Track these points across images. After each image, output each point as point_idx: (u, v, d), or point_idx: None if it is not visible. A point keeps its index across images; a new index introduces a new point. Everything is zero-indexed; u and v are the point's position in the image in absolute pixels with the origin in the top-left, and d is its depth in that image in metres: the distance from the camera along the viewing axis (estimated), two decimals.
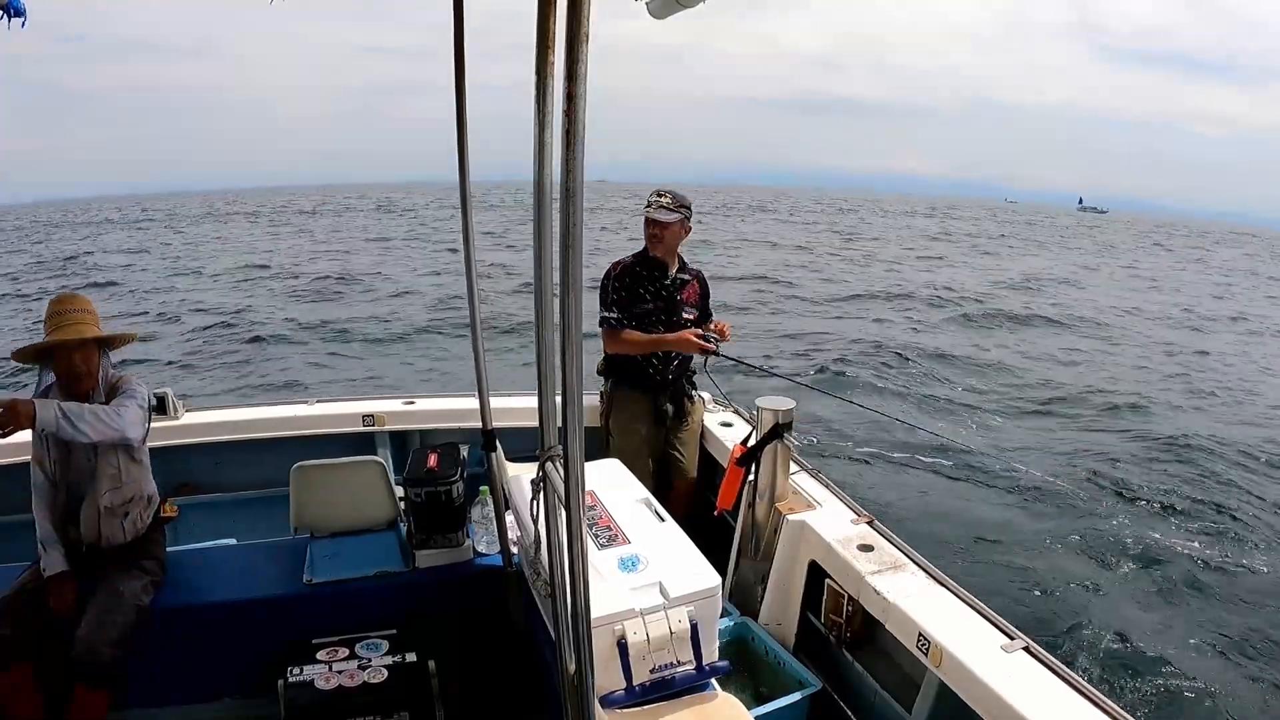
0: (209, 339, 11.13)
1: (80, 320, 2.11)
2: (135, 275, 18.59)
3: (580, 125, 0.88)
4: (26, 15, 1.50)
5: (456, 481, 2.37)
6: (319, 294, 15.10)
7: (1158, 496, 5.68)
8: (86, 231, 36.29)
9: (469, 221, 1.95)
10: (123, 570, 2.18)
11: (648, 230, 2.91)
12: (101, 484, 2.17)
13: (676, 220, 2.86)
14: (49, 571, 2.10)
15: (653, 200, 2.88)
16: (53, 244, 28.82)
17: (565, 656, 1.30)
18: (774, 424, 2.43)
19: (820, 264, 21.46)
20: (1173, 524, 5.28)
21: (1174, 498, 5.66)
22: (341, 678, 2.16)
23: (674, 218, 2.85)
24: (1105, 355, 10.99)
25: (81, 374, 2.12)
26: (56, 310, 2.11)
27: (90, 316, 2.14)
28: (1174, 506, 5.53)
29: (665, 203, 2.86)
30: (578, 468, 1.03)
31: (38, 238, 32.75)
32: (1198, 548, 4.92)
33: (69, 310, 2.11)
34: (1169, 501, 5.61)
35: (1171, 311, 15.81)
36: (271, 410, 3.26)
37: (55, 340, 2.07)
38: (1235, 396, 8.95)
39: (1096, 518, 5.30)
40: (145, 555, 2.26)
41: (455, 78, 1.76)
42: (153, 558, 2.28)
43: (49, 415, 1.95)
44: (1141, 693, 3.56)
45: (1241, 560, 4.79)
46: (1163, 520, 5.35)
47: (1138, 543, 4.92)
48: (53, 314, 2.11)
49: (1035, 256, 28.21)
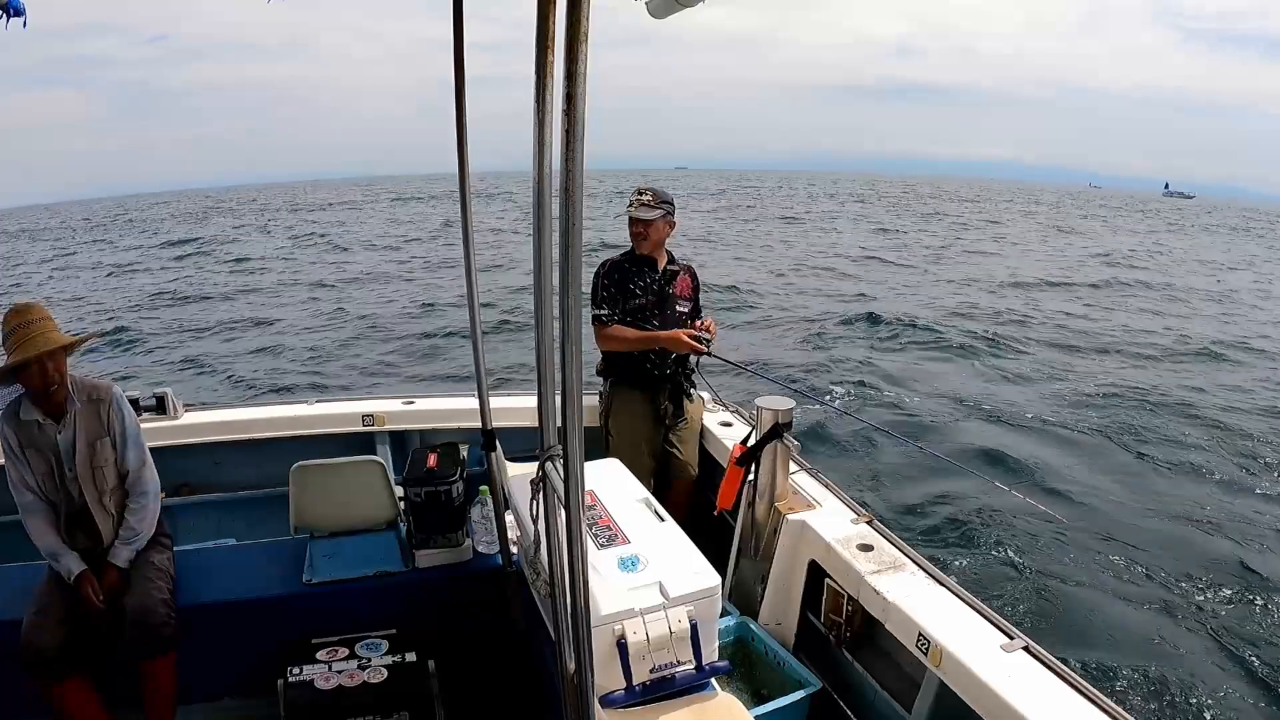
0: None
1: (45, 330, 2.06)
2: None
3: (580, 125, 0.88)
4: (26, 15, 1.50)
5: (456, 481, 2.37)
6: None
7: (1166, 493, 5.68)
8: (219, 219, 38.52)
9: (469, 220, 1.96)
10: (142, 549, 2.23)
11: (632, 229, 2.94)
12: (107, 493, 2.20)
13: (659, 216, 2.90)
14: (72, 575, 2.09)
15: (634, 199, 2.93)
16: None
17: (565, 656, 1.30)
18: (774, 423, 2.43)
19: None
20: (1175, 523, 5.28)
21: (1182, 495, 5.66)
22: (341, 677, 2.17)
23: (656, 214, 2.90)
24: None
25: (55, 382, 2.09)
26: (17, 324, 2.05)
27: (52, 324, 2.09)
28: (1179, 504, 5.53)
29: (647, 200, 2.91)
30: (578, 467, 1.03)
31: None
32: (1200, 546, 4.92)
33: (30, 322, 2.05)
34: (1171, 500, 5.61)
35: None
36: (271, 410, 3.26)
37: (30, 356, 2.02)
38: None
39: (1097, 518, 5.30)
40: (157, 531, 2.31)
41: (455, 77, 1.76)
42: (163, 534, 2.34)
43: (125, 558, 2.18)
44: (1142, 692, 3.56)
45: (1244, 560, 4.79)
46: (1164, 519, 5.34)
47: (1139, 542, 4.92)
48: (14, 329, 2.05)
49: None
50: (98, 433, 2.18)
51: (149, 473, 2.28)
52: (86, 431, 2.16)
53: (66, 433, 2.14)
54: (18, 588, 2.16)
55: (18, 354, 2.02)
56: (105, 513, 2.19)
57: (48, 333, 2.06)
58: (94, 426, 2.17)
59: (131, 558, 2.18)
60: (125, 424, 2.23)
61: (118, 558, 2.16)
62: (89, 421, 2.17)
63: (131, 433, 2.24)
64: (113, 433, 2.20)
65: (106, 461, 2.19)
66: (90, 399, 2.18)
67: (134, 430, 2.26)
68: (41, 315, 2.08)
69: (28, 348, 2.02)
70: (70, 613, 2.06)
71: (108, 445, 2.19)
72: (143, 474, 2.26)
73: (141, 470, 2.26)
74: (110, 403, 2.20)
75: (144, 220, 41.31)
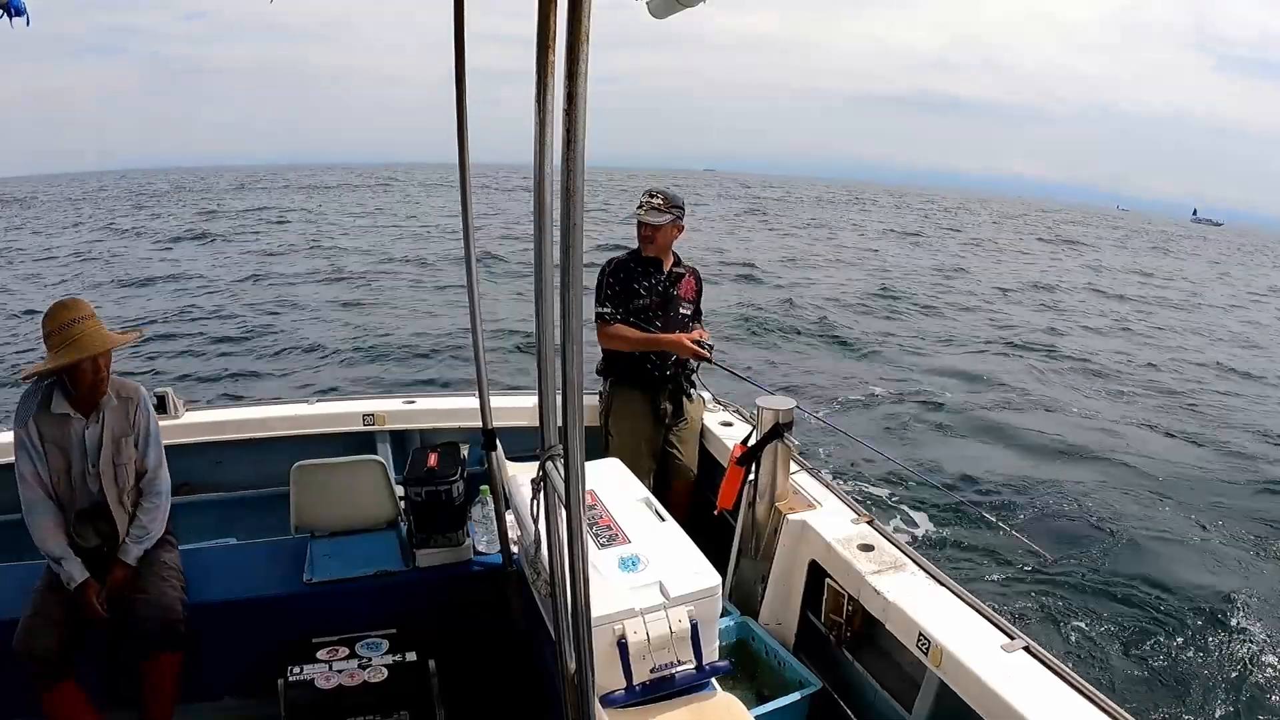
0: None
1: (95, 329, 2.08)
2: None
3: (580, 125, 0.88)
4: (28, 14, 1.50)
5: (456, 481, 2.37)
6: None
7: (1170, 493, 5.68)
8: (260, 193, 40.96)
9: (469, 219, 1.96)
10: (152, 549, 2.24)
11: (640, 232, 2.93)
12: (127, 491, 2.22)
13: (668, 221, 2.89)
14: (75, 582, 2.07)
15: (644, 202, 2.90)
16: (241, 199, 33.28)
17: (565, 656, 1.30)
18: (774, 423, 2.43)
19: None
20: (1176, 523, 5.28)
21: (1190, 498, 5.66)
22: (341, 677, 2.17)
23: (666, 219, 2.88)
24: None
25: (103, 380, 2.13)
26: (66, 321, 2.05)
27: (98, 321, 2.11)
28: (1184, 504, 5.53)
29: (657, 204, 2.88)
30: (578, 467, 1.03)
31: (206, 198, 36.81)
32: (1203, 547, 4.92)
33: (79, 319, 2.06)
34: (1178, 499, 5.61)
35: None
36: (271, 410, 3.26)
37: (84, 356, 2.04)
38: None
39: (1101, 515, 5.30)
40: (165, 530, 2.31)
41: (455, 77, 1.76)
42: (170, 533, 2.35)
43: (135, 556, 2.18)
44: (1142, 692, 3.56)
45: (1247, 558, 4.79)
46: (1166, 520, 5.34)
47: (1140, 543, 4.92)
48: (61, 325, 2.05)
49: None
50: (124, 430, 2.21)
51: (164, 473, 2.31)
52: (114, 429, 2.19)
53: (94, 428, 2.16)
54: (17, 587, 2.16)
55: (72, 351, 2.04)
56: (123, 510, 2.21)
57: (99, 331, 2.09)
58: (122, 424, 2.20)
59: (140, 556, 2.19)
60: (150, 424, 2.27)
61: (128, 555, 2.17)
62: (117, 419, 2.20)
63: (154, 433, 2.28)
64: (138, 431, 2.24)
65: (129, 460, 2.22)
66: (120, 397, 2.21)
67: (156, 431, 2.29)
68: (88, 313, 2.11)
69: (83, 345, 2.04)
70: (67, 616, 2.06)
71: (131, 444, 2.22)
72: (159, 474, 2.29)
73: (159, 470, 2.29)
74: (139, 402, 2.25)
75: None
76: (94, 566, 2.12)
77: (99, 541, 2.19)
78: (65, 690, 2.04)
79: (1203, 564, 4.73)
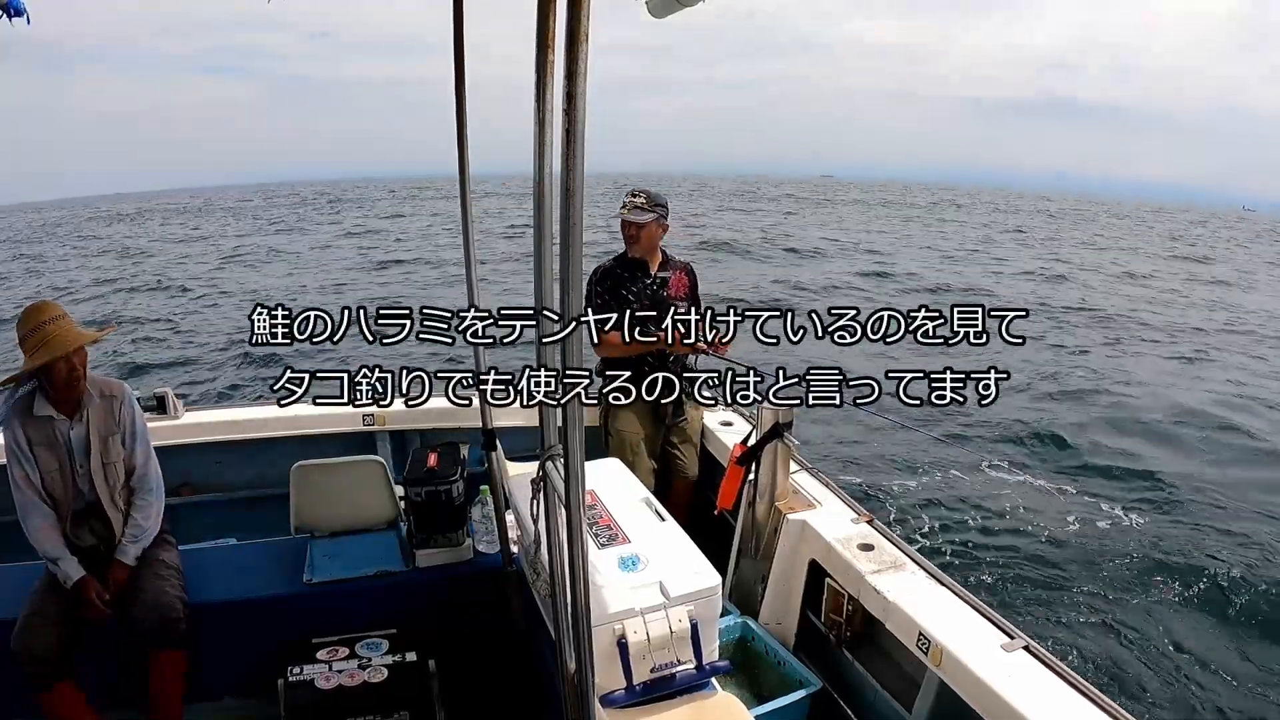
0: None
1: (66, 328, 2.08)
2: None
3: (580, 124, 0.88)
4: (28, 14, 1.50)
5: (456, 481, 2.37)
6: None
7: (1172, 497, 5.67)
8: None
9: (468, 219, 1.96)
10: (150, 548, 2.25)
11: (624, 232, 2.91)
12: (118, 489, 2.21)
13: (651, 219, 2.86)
14: (71, 580, 2.07)
15: (627, 201, 2.88)
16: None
17: (565, 656, 1.30)
18: (774, 423, 2.43)
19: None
20: (1177, 523, 5.27)
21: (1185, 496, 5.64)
22: (341, 677, 2.16)
23: (649, 217, 2.86)
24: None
25: (78, 378, 2.12)
26: (38, 323, 2.05)
27: (70, 321, 2.11)
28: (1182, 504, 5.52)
29: (640, 203, 2.86)
30: (578, 467, 1.03)
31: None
32: (1203, 546, 4.92)
33: (50, 320, 2.06)
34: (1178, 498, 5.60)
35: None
36: (271, 410, 3.26)
37: (57, 355, 2.04)
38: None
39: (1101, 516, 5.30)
40: (162, 529, 2.32)
41: (455, 77, 1.76)
42: (168, 532, 2.36)
43: (133, 555, 2.18)
44: (1143, 692, 3.56)
45: (1248, 558, 4.79)
46: (1169, 518, 5.34)
47: (1142, 540, 4.92)
48: (34, 328, 2.05)
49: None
50: (110, 429, 2.20)
51: (154, 469, 2.30)
52: (99, 427, 2.18)
53: (80, 428, 2.16)
54: (15, 588, 2.16)
55: (44, 352, 2.04)
56: (116, 509, 2.21)
57: (70, 330, 2.09)
58: (107, 422, 2.20)
59: (138, 555, 2.19)
60: (135, 421, 2.27)
61: (125, 555, 2.17)
62: (102, 417, 2.20)
63: (140, 430, 2.28)
64: (123, 429, 2.24)
65: (117, 458, 2.21)
66: (103, 395, 2.21)
67: (142, 428, 2.29)
68: (58, 314, 2.11)
69: (53, 346, 2.04)
70: (65, 616, 2.06)
71: (118, 441, 2.22)
72: (148, 470, 2.28)
73: (147, 466, 2.28)
74: (123, 400, 2.25)
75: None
76: (91, 567, 2.12)
77: (95, 541, 2.19)
78: (64, 690, 2.04)
79: (1203, 563, 4.72)
